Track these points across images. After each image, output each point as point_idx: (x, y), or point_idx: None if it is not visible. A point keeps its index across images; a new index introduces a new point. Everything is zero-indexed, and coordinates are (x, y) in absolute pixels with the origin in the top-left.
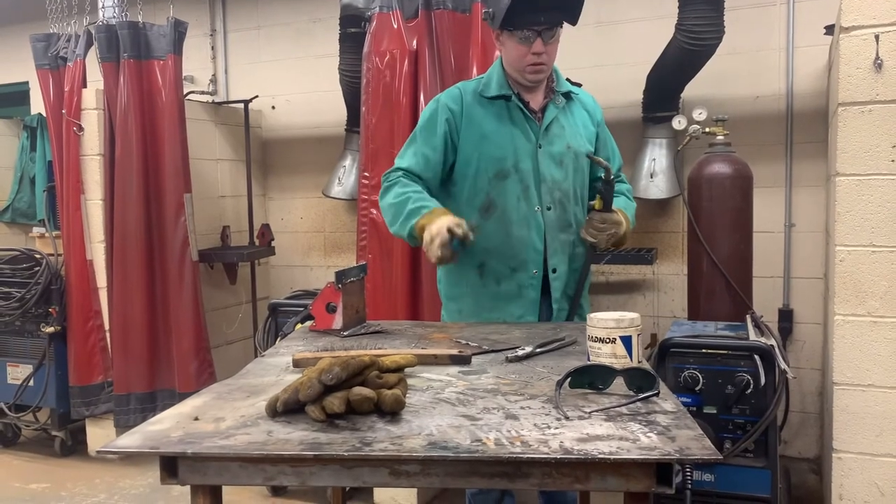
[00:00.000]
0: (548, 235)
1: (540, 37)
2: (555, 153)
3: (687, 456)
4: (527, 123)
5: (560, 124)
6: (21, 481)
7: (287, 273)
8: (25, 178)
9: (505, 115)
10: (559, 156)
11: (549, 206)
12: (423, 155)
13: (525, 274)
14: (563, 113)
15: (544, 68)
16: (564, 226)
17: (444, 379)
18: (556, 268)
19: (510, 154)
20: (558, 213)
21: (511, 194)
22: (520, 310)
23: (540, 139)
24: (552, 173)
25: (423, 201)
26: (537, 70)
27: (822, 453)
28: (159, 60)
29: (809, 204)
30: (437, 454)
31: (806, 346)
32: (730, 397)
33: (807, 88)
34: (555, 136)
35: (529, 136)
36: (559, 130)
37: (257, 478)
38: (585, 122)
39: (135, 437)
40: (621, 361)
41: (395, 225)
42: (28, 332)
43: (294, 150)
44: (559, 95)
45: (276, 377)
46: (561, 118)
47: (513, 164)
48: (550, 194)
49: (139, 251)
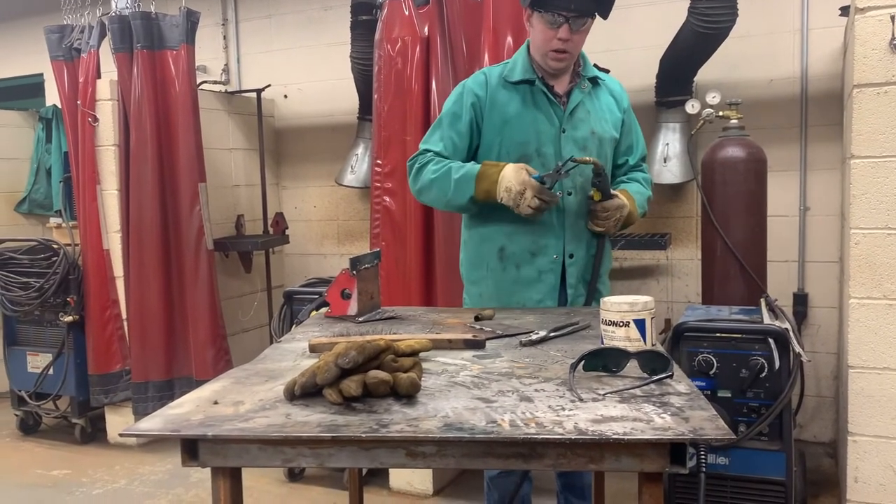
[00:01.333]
0: (567, 220)
1: (568, 23)
2: (578, 138)
3: (701, 436)
4: (551, 108)
5: (585, 109)
6: (43, 468)
7: (301, 261)
8: (42, 170)
9: (529, 99)
10: (583, 141)
11: (570, 191)
12: (449, 139)
13: (545, 259)
14: (589, 98)
15: (567, 57)
16: (585, 212)
17: (458, 363)
18: (574, 253)
19: (533, 138)
20: (579, 199)
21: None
22: (539, 294)
23: (564, 123)
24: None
25: (467, 166)
26: (559, 58)
27: (838, 437)
28: (172, 50)
29: (824, 187)
30: (452, 435)
31: (821, 329)
32: (744, 381)
33: (821, 71)
34: (579, 120)
35: (553, 121)
36: (584, 115)
37: (276, 459)
38: (612, 107)
39: (156, 420)
40: (635, 344)
41: (447, 195)
42: (47, 322)
43: (307, 139)
44: (585, 80)
45: (293, 362)
46: (586, 103)
47: (535, 149)
48: (572, 179)
49: (155, 240)
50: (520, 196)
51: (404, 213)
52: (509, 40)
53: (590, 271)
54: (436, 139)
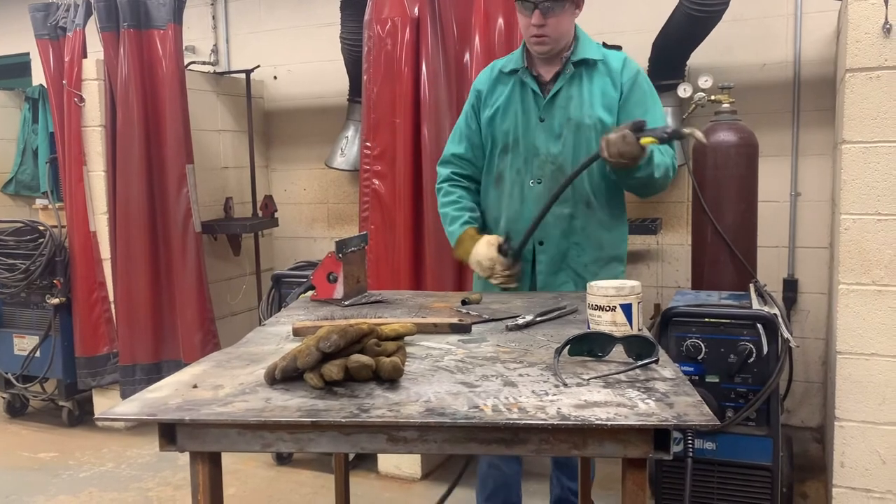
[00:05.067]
0: (535, 207)
1: (538, 8)
2: (554, 127)
3: (685, 422)
4: (532, 97)
5: (567, 95)
6: (30, 451)
7: (291, 244)
8: (28, 150)
9: (516, 89)
10: (558, 129)
11: (540, 179)
12: (466, 137)
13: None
14: (576, 83)
15: (547, 40)
16: (559, 200)
17: (443, 347)
18: (543, 240)
19: (513, 128)
20: (549, 187)
21: (512, 168)
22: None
23: (542, 112)
24: (548, 147)
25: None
26: (539, 42)
27: (825, 422)
28: (159, 30)
29: (815, 173)
30: (434, 420)
31: (810, 315)
32: (732, 366)
33: (814, 55)
34: (558, 108)
35: (532, 110)
36: (564, 102)
37: (255, 444)
38: (605, 88)
39: (134, 404)
40: (621, 329)
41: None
42: (33, 304)
43: (296, 121)
44: (570, 65)
45: (276, 346)
46: (570, 89)
47: (514, 139)
48: (542, 168)
49: (142, 223)
50: (490, 270)
51: (393, 197)
52: (500, 22)
53: (571, 259)
54: (456, 140)
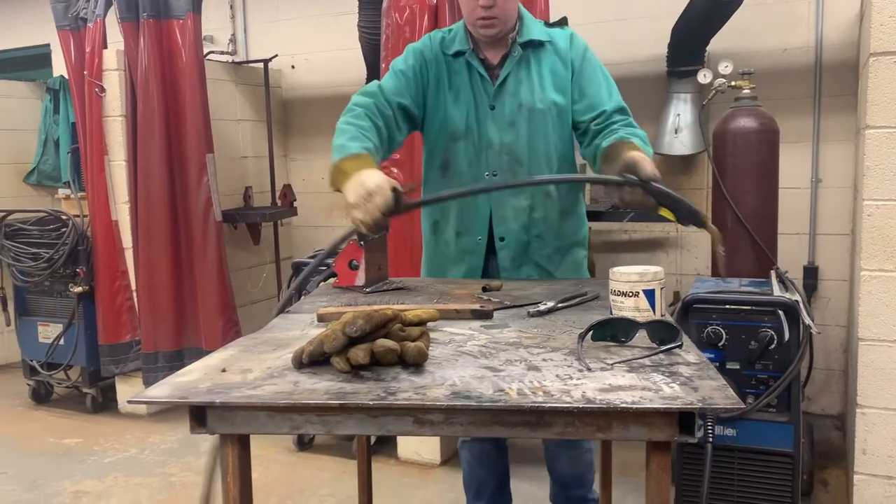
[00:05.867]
0: (494, 203)
1: None
2: (506, 114)
3: (710, 405)
4: (481, 84)
5: (517, 79)
6: (56, 436)
7: (309, 233)
8: (50, 141)
9: (463, 73)
10: (510, 116)
11: (496, 171)
12: (402, 75)
13: (470, 239)
14: (524, 66)
15: (496, 22)
16: (516, 192)
17: (466, 333)
18: (504, 236)
19: (462, 117)
20: (505, 179)
21: (463, 159)
22: (462, 274)
23: (492, 100)
24: (501, 137)
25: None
26: (488, 24)
27: (846, 409)
28: (178, 20)
29: (837, 159)
30: (460, 403)
31: (831, 303)
32: (753, 353)
33: (837, 40)
34: (508, 94)
35: (482, 98)
36: (514, 88)
37: (284, 426)
38: (556, 68)
39: (164, 388)
40: (644, 315)
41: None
42: (57, 292)
43: (314, 110)
44: (517, 47)
45: (301, 331)
46: (519, 73)
47: (464, 128)
48: (498, 159)
49: (163, 212)
50: (366, 200)
51: None
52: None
53: (532, 251)
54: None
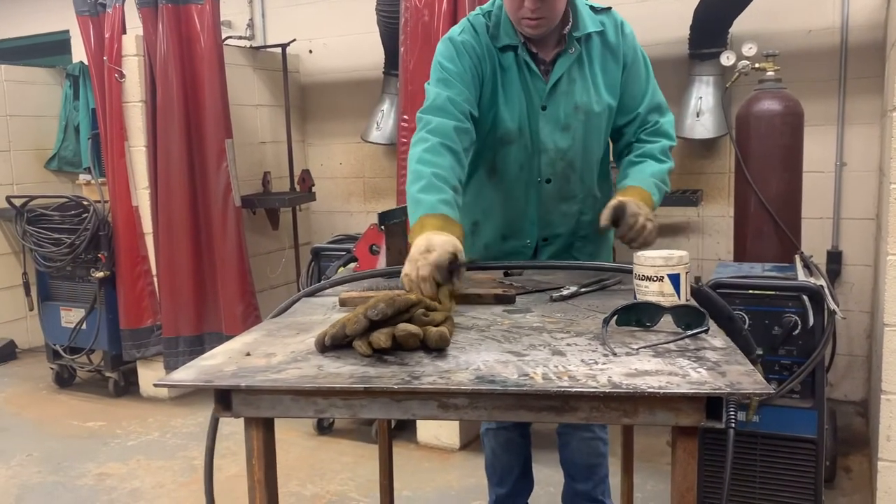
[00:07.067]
0: (542, 208)
1: None
2: (560, 116)
3: (738, 390)
4: (532, 82)
5: (571, 78)
6: (78, 420)
7: (328, 219)
8: (70, 127)
9: (513, 68)
10: (565, 119)
11: (550, 178)
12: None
13: (518, 242)
14: (579, 63)
15: (544, 22)
16: (567, 197)
17: (488, 318)
18: (549, 237)
19: (514, 118)
20: (559, 185)
21: (513, 163)
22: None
23: (545, 100)
24: (555, 141)
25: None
26: (534, 25)
27: (870, 395)
28: (197, 5)
29: (862, 142)
30: (485, 388)
31: (854, 288)
32: (776, 338)
33: (863, 21)
34: (562, 94)
35: (534, 98)
36: (568, 87)
37: (309, 410)
38: (607, 65)
39: (189, 371)
40: (669, 299)
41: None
42: (79, 277)
43: (332, 95)
44: (573, 42)
45: (324, 315)
46: (574, 71)
47: (517, 130)
48: (552, 165)
49: (183, 197)
50: (424, 256)
51: None
52: None
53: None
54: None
